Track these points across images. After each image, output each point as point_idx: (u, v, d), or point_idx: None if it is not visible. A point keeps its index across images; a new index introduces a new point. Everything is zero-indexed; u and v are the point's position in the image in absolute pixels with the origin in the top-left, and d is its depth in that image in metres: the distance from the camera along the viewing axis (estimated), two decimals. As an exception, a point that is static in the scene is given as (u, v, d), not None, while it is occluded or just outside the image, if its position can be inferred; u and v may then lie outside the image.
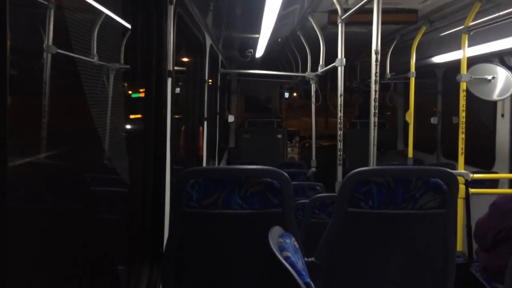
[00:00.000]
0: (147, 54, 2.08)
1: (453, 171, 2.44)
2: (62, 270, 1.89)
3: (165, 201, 2.19)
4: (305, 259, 2.01)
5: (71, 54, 2.54)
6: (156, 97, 2.10)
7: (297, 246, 1.56)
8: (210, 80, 4.60)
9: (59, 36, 2.31)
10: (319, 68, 5.03)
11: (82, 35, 2.41)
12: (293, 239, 1.55)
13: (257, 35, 5.03)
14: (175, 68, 2.47)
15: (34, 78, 2.40)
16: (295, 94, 10.69)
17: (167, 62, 2.14)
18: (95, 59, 2.91)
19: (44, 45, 2.39)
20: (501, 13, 3.30)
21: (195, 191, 1.95)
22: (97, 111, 2.53)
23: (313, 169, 5.84)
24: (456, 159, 3.73)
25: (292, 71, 7.73)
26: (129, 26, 2.35)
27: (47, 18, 2.33)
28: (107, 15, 2.68)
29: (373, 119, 2.87)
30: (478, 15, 3.62)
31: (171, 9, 2.18)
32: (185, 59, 4.29)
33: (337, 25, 3.80)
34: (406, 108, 5.39)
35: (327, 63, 4.74)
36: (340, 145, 3.93)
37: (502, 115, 4.88)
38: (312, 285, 1.28)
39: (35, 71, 2.42)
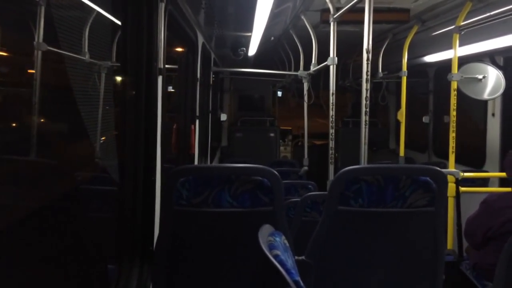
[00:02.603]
0: (137, 51, 2.07)
1: (443, 169, 2.45)
2: (51, 269, 1.88)
3: (156, 200, 2.18)
4: (296, 257, 2.01)
5: (61, 51, 2.52)
6: (147, 95, 2.09)
7: (287, 244, 1.56)
8: (202, 78, 4.59)
9: (50, 33, 2.29)
10: (311, 67, 5.03)
11: (72, 32, 2.40)
12: (283, 237, 1.55)
13: (249, 34, 5.02)
14: (167, 66, 2.46)
15: (24, 75, 2.38)
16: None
17: (158, 59, 2.13)
18: (86, 57, 2.89)
19: (35, 42, 2.37)
20: (492, 12, 3.32)
21: (185, 190, 1.94)
22: (88, 109, 2.52)
23: (306, 167, 5.84)
24: (447, 158, 3.75)
25: (285, 70, 7.73)
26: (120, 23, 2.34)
27: (38, 15, 2.31)
28: (98, 13, 2.66)
29: (364, 118, 2.88)
30: (470, 14, 3.64)
31: (162, 7, 2.17)
32: (177, 57, 4.28)
33: (330, 24, 3.80)
34: (398, 107, 5.41)
35: (319, 62, 4.74)
36: (332, 143, 3.94)
37: (493, 115, 4.91)
38: (301, 283, 1.28)
39: (25, 68, 2.40)
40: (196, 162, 4.21)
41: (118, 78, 2.36)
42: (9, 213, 1.73)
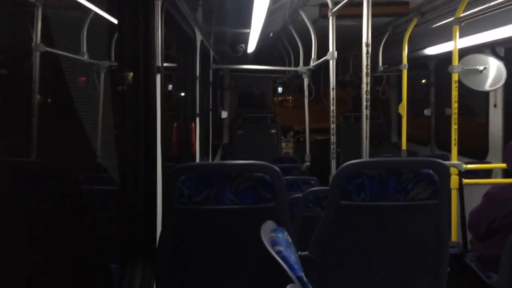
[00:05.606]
0: (134, 50, 2.06)
1: (446, 162, 2.44)
2: (54, 269, 1.88)
3: (157, 198, 2.18)
4: (299, 253, 2.00)
5: (60, 52, 2.51)
6: (145, 93, 2.09)
7: (290, 240, 1.55)
8: (201, 76, 4.58)
9: (48, 34, 2.29)
10: (311, 62, 5.01)
11: (70, 33, 2.39)
12: (286, 233, 1.54)
13: (248, 30, 5.01)
14: (166, 64, 2.44)
15: (23, 76, 2.38)
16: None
17: (155, 58, 2.12)
18: (85, 57, 2.89)
19: (33, 44, 2.37)
20: (491, 3, 3.29)
21: (186, 187, 1.93)
22: (88, 109, 2.51)
23: (307, 163, 5.82)
24: (450, 150, 3.74)
25: (285, 66, 7.71)
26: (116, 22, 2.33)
27: (35, 17, 2.30)
28: (95, 13, 2.65)
29: (365, 112, 2.86)
30: (469, 6, 3.61)
31: (158, 5, 2.16)
32: (175, 55, 4.27)
33: (328, 19, 3.78)
34: (399, 100, 5.39)
35: (319, 56, 4.73)
36: (333, 138, 3.93)
37: (495, 106, 4.89)
38: (305, 279, 1.28)
39: (24, 70, 2.40)
40: (197, 160, 4.21)
41: (117, 77, 2.36)
42: (11, 213, 1.73)
